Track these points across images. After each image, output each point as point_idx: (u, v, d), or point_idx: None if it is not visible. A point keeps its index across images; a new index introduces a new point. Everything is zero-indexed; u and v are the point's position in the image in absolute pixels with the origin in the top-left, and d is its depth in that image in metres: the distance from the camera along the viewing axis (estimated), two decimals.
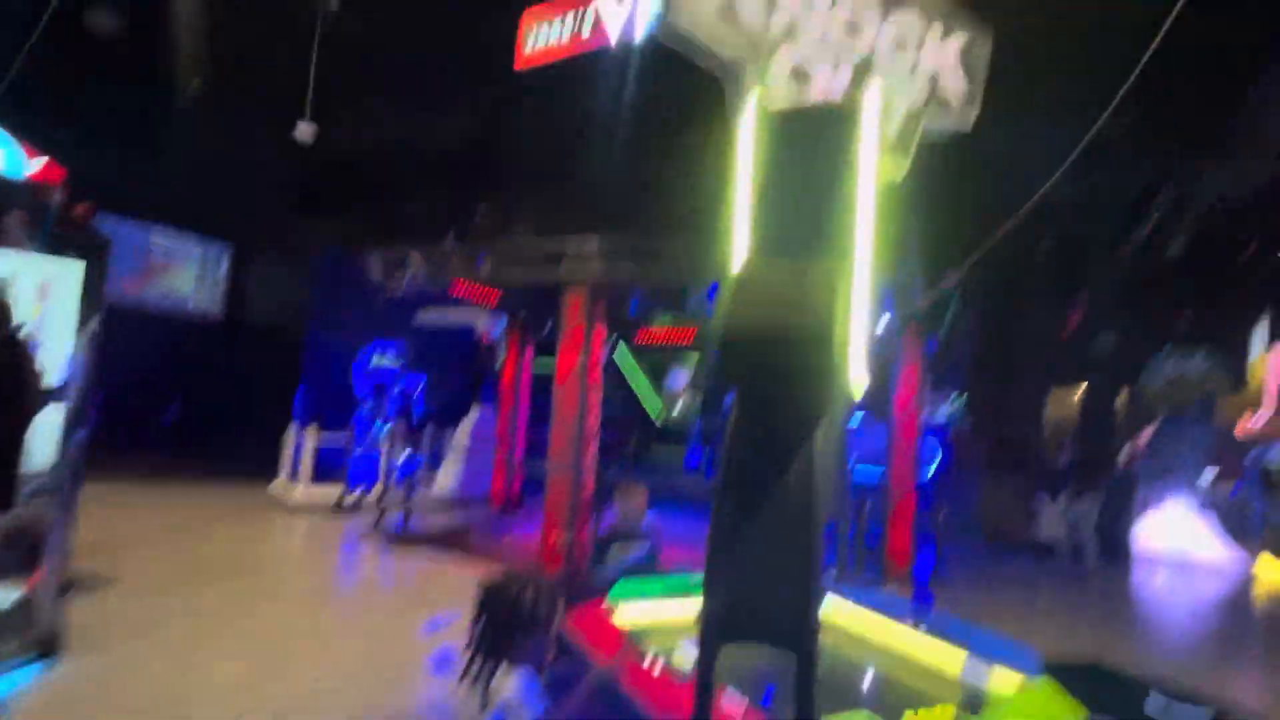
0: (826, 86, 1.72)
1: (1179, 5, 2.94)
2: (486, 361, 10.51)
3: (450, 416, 10.39)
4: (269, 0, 7.94)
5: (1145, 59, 3.68)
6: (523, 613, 1.61)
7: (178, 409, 11.41)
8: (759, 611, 1.32)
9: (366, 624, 4.95)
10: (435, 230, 7.85)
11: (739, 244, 1.72)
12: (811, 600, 1.25)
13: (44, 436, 4.25)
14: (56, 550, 3.90)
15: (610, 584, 2.56)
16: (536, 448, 9.18)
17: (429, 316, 10.46)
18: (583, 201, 6.88)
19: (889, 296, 5.87)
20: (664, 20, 1.78)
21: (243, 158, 10.52)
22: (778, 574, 1.28)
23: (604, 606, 2.37)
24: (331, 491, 8.68)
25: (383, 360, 12.14)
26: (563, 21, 5.91)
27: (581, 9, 5.77)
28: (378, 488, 8.34)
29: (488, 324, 10.52)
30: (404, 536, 7.23)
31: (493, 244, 7.20)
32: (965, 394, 10.78)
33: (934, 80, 2.33)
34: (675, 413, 15.39)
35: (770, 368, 1.29)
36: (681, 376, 15.52)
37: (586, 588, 2.57)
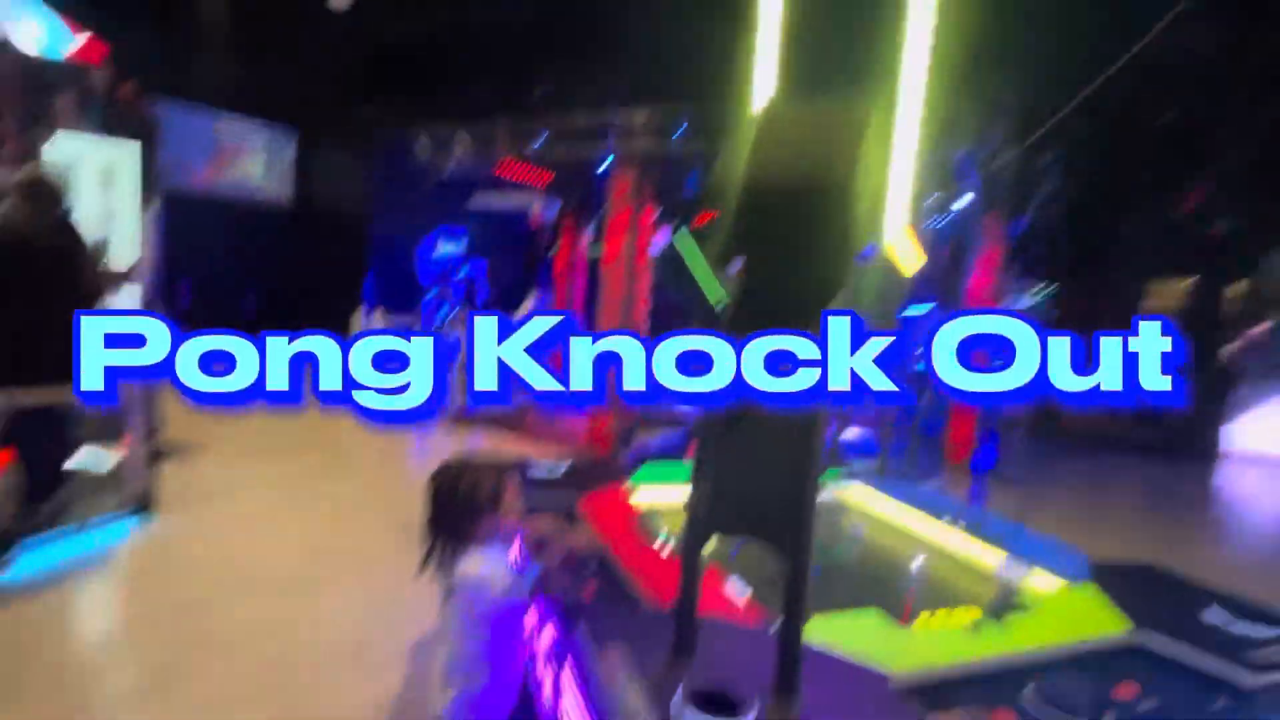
0: None
1: None
2: (541, 246, 10.42)
3: (510, 302, 10.50)
4: None
5: None
6: (471, 497, 1.61)
7: (254, 296, 11.98)
8: (747, 504, 1.21)
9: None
10: (489, 109, 7.54)
11: (764, 82, 1.45)
12: (806, 498, 1.12)
13: None
14: (140, 421, 4.21)
15: (634, 467, 2.53)
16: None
17: (485, 201, 10.34)
18: (635, 73, 6.37)
19: (970, 169, 5.24)
20: None
21: (301, 39, 10.29)
22: (771, 466, 1.14)
23: (622, 488, 2.34)
24: None
25: (447, 247, 12.22)
26: None
27: None
28: None
29: (541, 207, 10.32)
30: (464, 417, 7.53)
31: (542, 120, 6.86)
32: (1052, 285, 9.95)
33: None
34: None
35: (784, 233, 1.08)
36: None
37: (610, 470, 2.54)
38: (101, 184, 4.86)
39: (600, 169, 6.47)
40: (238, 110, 12.11)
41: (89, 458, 4.44)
